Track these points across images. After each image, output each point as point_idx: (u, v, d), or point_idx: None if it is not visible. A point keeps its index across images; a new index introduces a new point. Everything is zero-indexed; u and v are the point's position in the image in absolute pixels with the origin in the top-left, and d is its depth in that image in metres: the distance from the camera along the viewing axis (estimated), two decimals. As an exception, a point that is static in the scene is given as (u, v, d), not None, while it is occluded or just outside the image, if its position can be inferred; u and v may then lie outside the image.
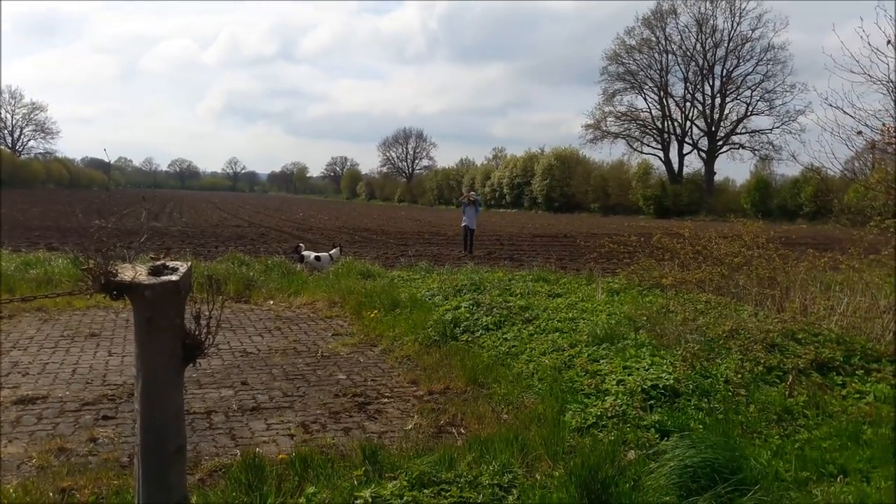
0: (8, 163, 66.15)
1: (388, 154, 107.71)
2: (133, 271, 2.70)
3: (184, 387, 2.85)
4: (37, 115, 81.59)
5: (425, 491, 3.11)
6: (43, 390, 4.85)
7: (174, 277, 2.69)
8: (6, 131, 79.53)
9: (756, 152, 57.19)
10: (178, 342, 2.72)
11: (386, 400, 4.86)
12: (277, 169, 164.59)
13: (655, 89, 61.04)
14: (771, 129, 56.56)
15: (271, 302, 8.77)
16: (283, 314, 8.03)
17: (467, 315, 6.77)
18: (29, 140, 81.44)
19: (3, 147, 73.88)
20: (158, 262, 2.81)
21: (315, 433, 4.15)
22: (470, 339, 6.24)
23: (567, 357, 5.23)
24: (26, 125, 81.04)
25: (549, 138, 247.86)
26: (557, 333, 5.92)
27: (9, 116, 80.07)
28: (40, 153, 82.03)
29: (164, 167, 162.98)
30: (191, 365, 2.79)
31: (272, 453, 3.71)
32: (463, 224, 16.94)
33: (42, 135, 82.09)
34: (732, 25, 56.65)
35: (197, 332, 2.77)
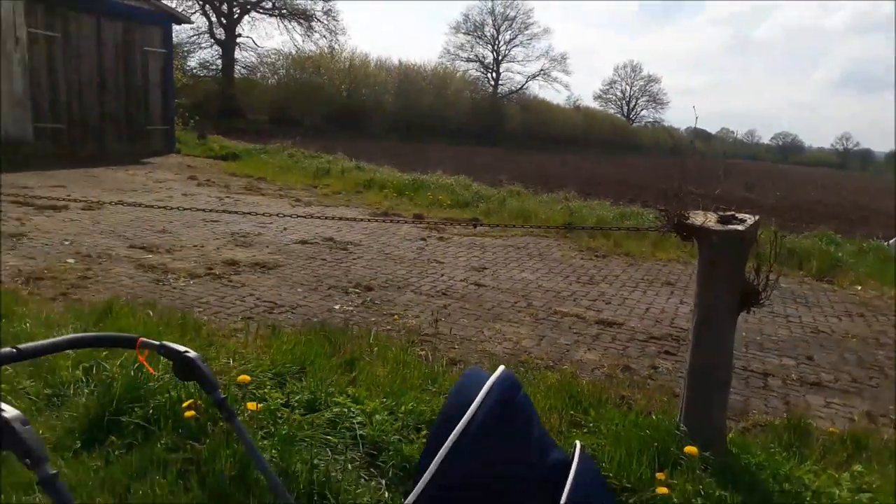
0: (621, 129, 76.17)
1: None
2: (703, 217, 3.00)
3: (741, 342, 3.04)
4: (651, 86, 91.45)
5: None
6: (620, 319, 5.73)
7: (740, 227, 2.88)
8: (623, 101, 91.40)
9: None
10: (736, 288, 2.92)
11: None
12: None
13: None
14: None
15: (858, 287, 8.03)
16: (870, 302, 7.28)
17: None
18: (642, 109, 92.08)
19: (618, 115, 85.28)
20: (728, 213, 3.05)
21: (881, 426, 3.79)
22: None
23: None
24: (641, 96, 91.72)
25: None
26: None
27: (627, 88, 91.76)
28: (649, 122, 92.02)
29: (765, 140, 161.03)
30: (745, 312, 2.97)
31: (823, 426, 3.59)
32: None
33: (653, 105, 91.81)
34: None
35: (756, 283, 2.92)
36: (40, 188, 9.26)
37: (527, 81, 64.94)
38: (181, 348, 1.56)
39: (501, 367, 1.33)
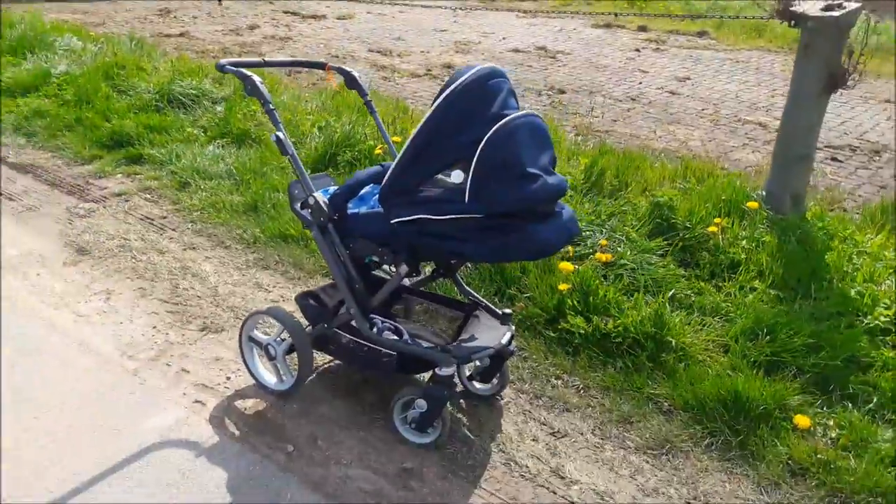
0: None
1: None
2: (808, 6, 3.45)
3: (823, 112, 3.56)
4: None
5: None
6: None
7: (836, 14, 3.31)
8: None
9: None
10: (825, 70, 3.41)
11: None
12: None
13: None
14: None
15: None
16: None
17: None
18: None
19: None
20: (835, 2, 3.45)
21: None
22: None
23: None
24: None
25: None
26: None
27: None
28: None
29: None
30: (833, 93, 3.47)
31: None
32: None
33: None
34: None
35: (846, 67, 3.38)
36: (306, 1, 11.14)
37: None
38: (349, 69, 2.74)
39: (490, 65, 2.17)
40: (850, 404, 2.57)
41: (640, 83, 7.35)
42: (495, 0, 12.61)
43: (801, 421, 2.45)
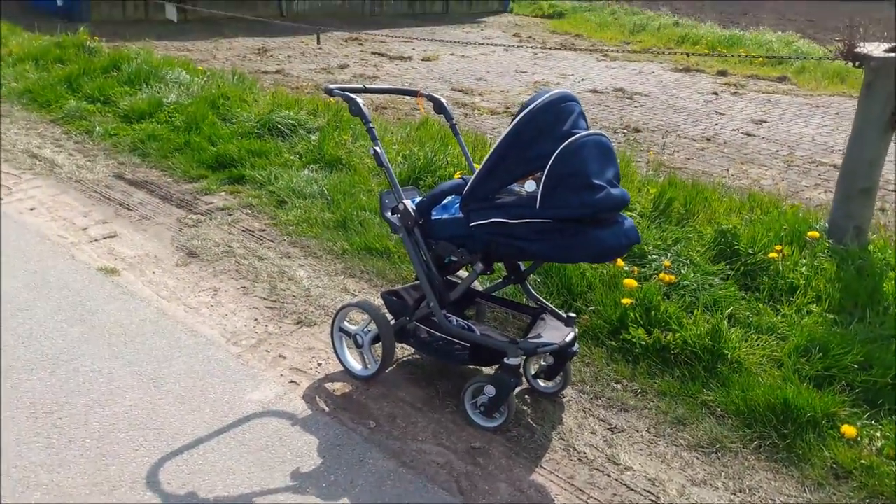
0: None
1: None
2: (872, 48, 3.68)
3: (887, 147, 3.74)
4: None
5: None
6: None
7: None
8: None
9: None
10: (889, 107, 3.61)
11: None
12: None
13: None
14: None
15: None
16: None
17: None
18: None
19: None
20: (900, 44, 3.67)
21: None
22: None
23: None
24: None
25: None
26: None
27: None
28: None
29: None
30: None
31: None
32: None
33: None
34: None
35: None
36: (393, 41, 11.82)
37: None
38: (437, 96, 3.15)
39: (564, 90, 2.53)
40: (897, 418, 2.73)
41: (716, 124, 7.56)
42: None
43: (848, 430, 2.63)
